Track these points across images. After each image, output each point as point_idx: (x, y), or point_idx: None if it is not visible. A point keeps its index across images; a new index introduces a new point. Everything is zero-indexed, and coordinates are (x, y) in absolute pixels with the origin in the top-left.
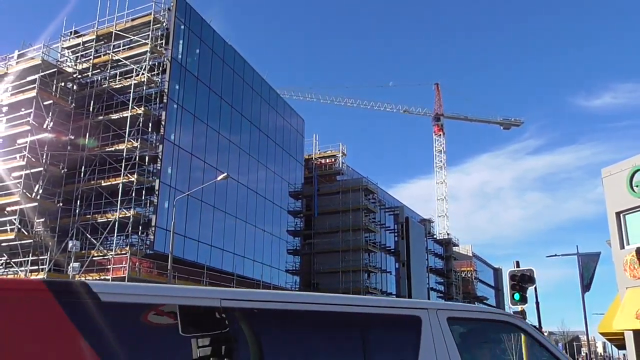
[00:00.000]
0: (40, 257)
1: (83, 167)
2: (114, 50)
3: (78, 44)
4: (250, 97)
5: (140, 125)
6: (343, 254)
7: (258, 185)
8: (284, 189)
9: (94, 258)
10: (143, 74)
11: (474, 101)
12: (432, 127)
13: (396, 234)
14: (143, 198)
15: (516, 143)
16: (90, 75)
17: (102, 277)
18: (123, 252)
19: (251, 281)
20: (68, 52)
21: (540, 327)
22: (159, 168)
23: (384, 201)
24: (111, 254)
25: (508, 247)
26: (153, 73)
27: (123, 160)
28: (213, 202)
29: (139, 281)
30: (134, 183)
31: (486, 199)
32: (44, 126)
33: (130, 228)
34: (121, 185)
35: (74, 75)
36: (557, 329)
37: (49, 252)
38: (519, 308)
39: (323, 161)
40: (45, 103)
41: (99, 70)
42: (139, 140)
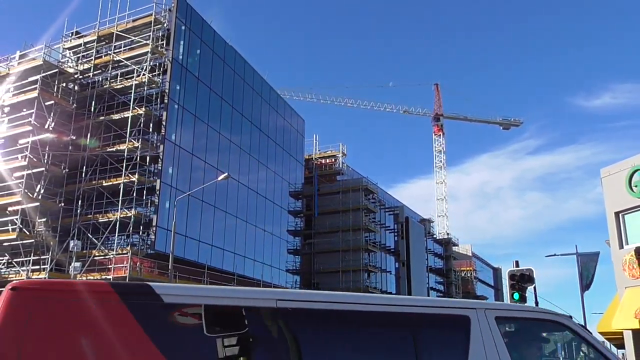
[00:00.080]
0: (41, 257)
1: (84, 167)
2: (115, 50)
3: (79, 45)
4: (250, 98)
5: (141, 125)
6: (343, 254)
7: (258, 185)
8: (284, 189)
9: (95, 258)
10: (144, 75)
11: (474, 101)
12: (432, 127)
13: (396, 234)
14: (144, 198)
15: (516, 143)
16: (91, 75)
17: (103, 277)
18: (124, 252)
19: (252, 281)
20: (69, 53)
21: None
22: (160, 168)
23: (384, 201)
24: (112, 254)
25: (508, 247)
26: (154, 73)
27: (124, 160)
28: (214, 202)
29: (140, 281)
30: (135, 183)
31: (486, 199)
32: (46, 126)
33: (131, 228)
34: (122, 185)
35: (76, 75)
36: None
37: (51, 252)
38: None
39: (323, 161)
40: (46, 103)
41: (100, 70)
42: (140, 140)
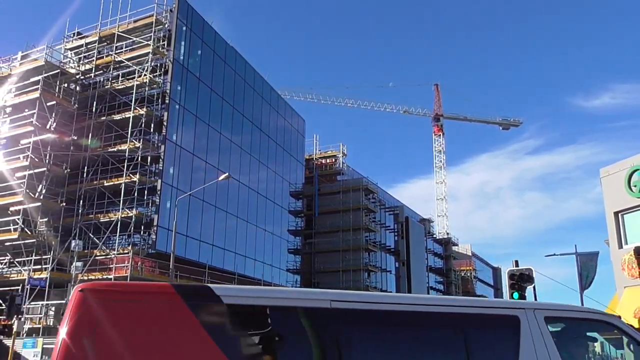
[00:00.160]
0: (43, 257)
1: (86, 168)
2: (117, 51)
3: (81, 46)
4: (251, 98)
5: (142, 125)
6: (343, 254)
7: (259, 185)
8: (285, 189)
9: (97, 257)
10: (145, 75)
11: (474, 101)
12: (432, 128)
13: (396, 234)
14: (145, 198)
15: (515, 143)
16: (92, 76)
17: (105, 277)
18: (125, 252)
19: (252, 280)
20: (71, 54)
21: None
22: (161, 168)
23: (384, 201)
24: (114, 254)
25: (507, 247)
26: (155, 74)
27: (125, 160)
28: (214, 202)
29: (141, 280)
30: (136, 183)
31: (485, 199)
32: (47, 127)
33: (132, 228)
34: (123, 185)
35: (77, 76)
36: None
37: (52, 252)
38: None
39: (323, 161)
40: (48, 104)
41: (102, 71)
42: (141, 140)
